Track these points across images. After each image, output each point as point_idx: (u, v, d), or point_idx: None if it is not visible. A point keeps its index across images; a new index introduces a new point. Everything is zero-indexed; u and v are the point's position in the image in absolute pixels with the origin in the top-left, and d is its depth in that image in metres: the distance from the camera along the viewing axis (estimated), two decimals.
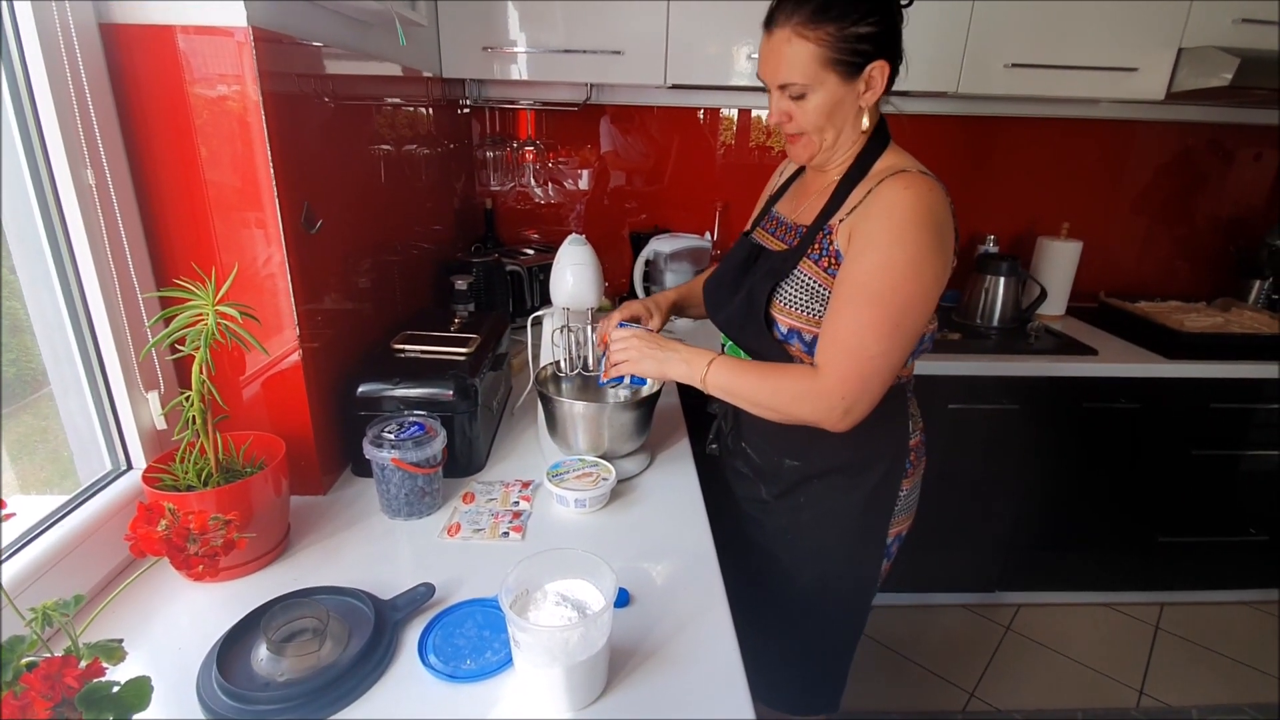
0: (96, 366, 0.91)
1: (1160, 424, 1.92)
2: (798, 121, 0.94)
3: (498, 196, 2.20)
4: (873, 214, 0.91)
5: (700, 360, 1.00)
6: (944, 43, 1.73)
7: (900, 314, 0.88)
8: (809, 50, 0.88)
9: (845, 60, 0.89)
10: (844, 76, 0.90)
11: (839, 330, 0.91)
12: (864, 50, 0.89)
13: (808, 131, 0.95)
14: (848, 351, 0.90)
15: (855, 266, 0.90)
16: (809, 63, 0.89)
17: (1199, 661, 2.04)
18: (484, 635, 0.79)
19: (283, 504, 0.94)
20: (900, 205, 0.89)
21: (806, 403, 0.92)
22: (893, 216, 0.89)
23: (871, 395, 0.91)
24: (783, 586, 1.15)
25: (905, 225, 0.88)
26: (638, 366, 1.04)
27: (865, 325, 0.89)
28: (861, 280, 0.89)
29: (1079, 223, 2.22)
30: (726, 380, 0.98)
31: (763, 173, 2.18)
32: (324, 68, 1.08)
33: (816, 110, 0.92)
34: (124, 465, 0.96)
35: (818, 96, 0.91)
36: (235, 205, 0.93)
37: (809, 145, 0.97)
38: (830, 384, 0.90)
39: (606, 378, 1.10)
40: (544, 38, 1.72)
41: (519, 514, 1.04)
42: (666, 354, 1.02)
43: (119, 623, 0.80)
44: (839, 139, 0.96)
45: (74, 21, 0.80)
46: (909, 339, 0.91)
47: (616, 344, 1.07)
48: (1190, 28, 1.77)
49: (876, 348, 0.89)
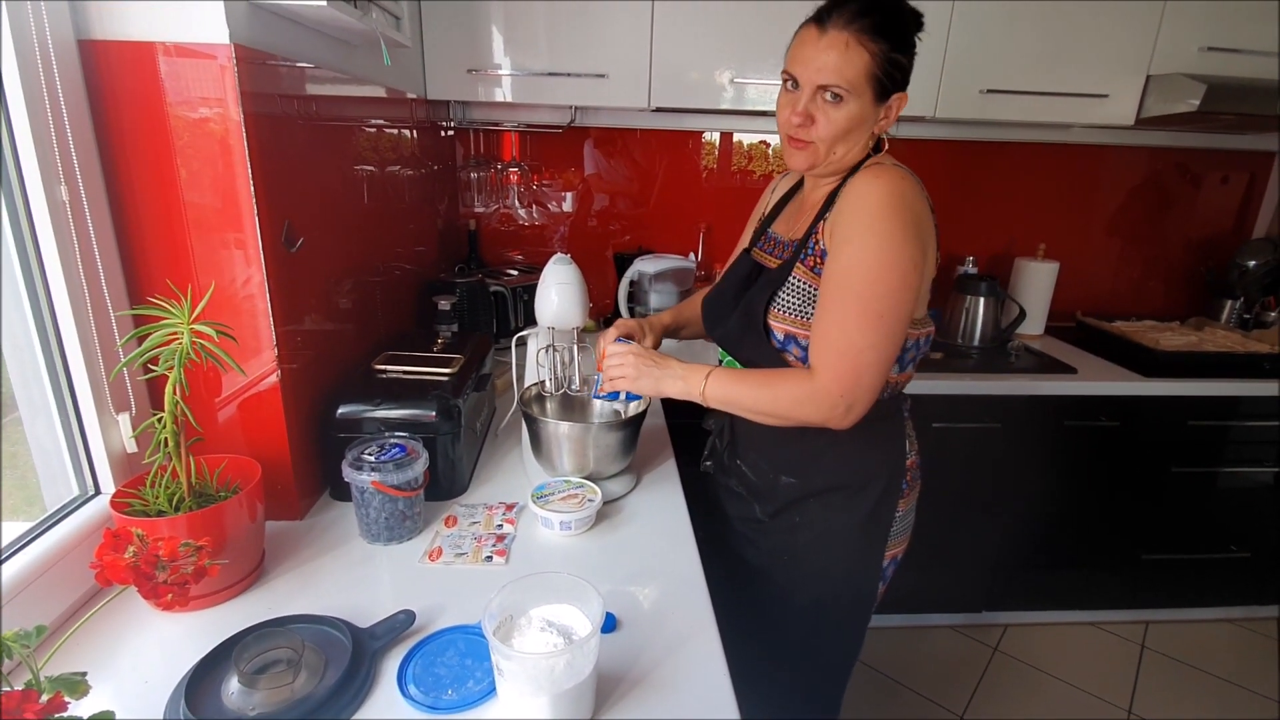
0: (65, 387, 0.88)
1: (1140, 442, 1.94)
2: (817, 127, 0.93)
3: (481, 218, 2.20)
4: (846, 208, 0.92)
5: (697, 375, 1.00)
6: (921, 68, 1.76)
7: (882, 305, 0.89)
8: (864, 59, 0.89)
9: (883, 81, 0.91)
10: (875, 96, 0.92)
11: (827, 330, 0.92)
12: (897, 78, 0.91)
13: (819, 140, 0.94)
14: (837, 350, 0.90)
15: (834, 263, 0.92)
16: (859, 71, 0.89)
17: (1186, 680, 2.04)
18: (466, 664, 0.76)
19: (257, 529, 0.91)
20: (871, 195, 0.90)
21: (808, 405, 0.92)
22: (864, 208, 0.90)
23: (869, 390, 0.91)
24: (778, 609, 1.13)
25: (876, 215, 0.89)
26: (635, 384, 1.04)
27: (850, 321, 0.89)
28: (840, 277, 0.90)
29: (1055, 244, 2.26)
30: (725, 391, 0.98)
31: (745, 194, 2.23)
32: (307, 88, 1.07)
33: (845, 119, 0.92)
34: (92, 490, 0.93)
35: (851, 106, 0.91)
36: (214, 223, 0.91)
37: (813, 154, 0.96)
38: (827, 384, 0.91)
39: (603, 392, 1.09)
40: (528, 61, 1.74)
41: (503, 537, 1.02)
42: (663, 371, 1.02)
43: (83, 655, 0.76)
44: (846, 156, 0.96)
45: (52, 37, 0.79)
46: (896, 329, 0.91)
47: (612, 360, 1.06)
48: (1158, 56, 1.83)
49: (864, 341, 0.89)
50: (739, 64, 1.76)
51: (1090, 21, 1.79)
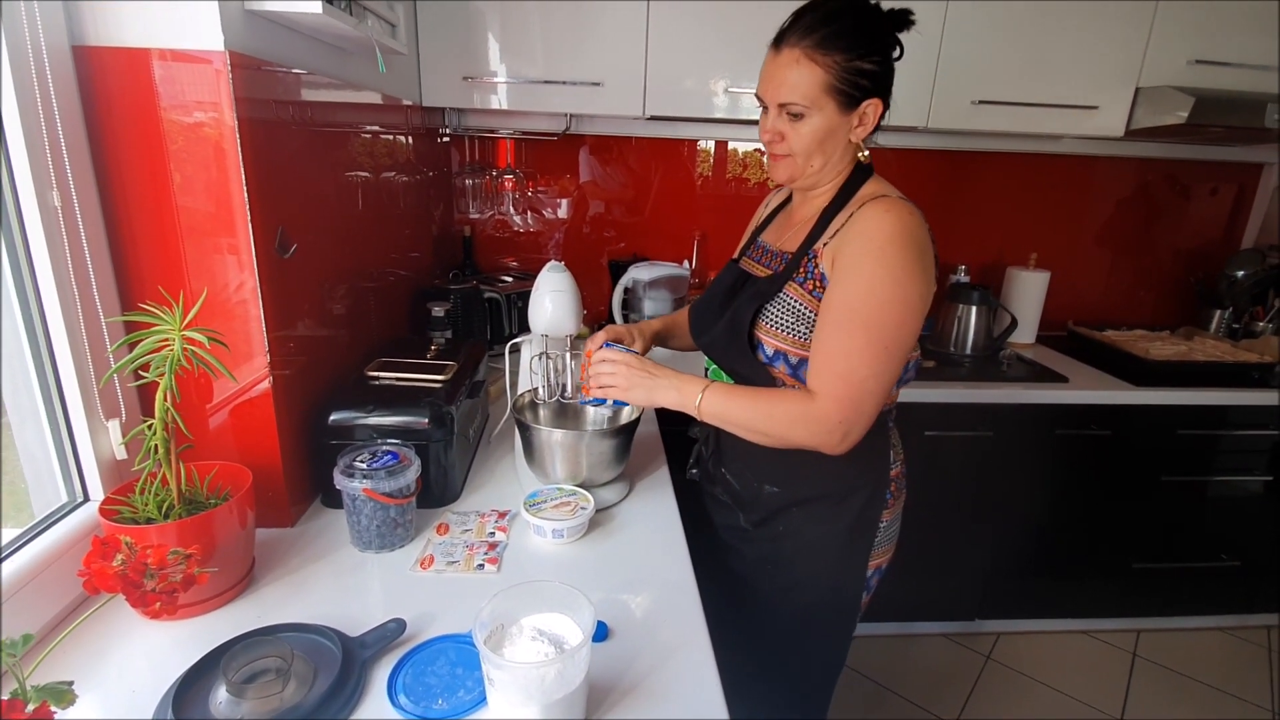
0: (55, 393, 0.87)
1: (1130, 450, 1.95)
2: (789, 142, 0.96)
3: (476, 224, 2.20)
4: (855, 238, 0.92)
5: (693, 387, 0.99)
6: (914, 79, 1.79)
7: (888, 336, 0.90)
8: (815, 74, 0.90)
9: (845, 91, 0.91)
10: (841, 106, 0.92)
11: (830, 355, 0.92)
12: (863, 85, 0.92)
13: (795, 154, 0.97)
14: (840, 376, 0.91)
15: (841, 291, 0.91)
16: (813, 86, 0.91)
17: (1177, 689, 2.05)
18: (457, 673, 0.76)
19: (248, 537, 0.91)
20: (882, 230, 0.90)
21: (803, 427, 0.93)
22: (875, 240, 0.90)
23: (866, 417, 0.92)
24: (763, 617, 1.13)
25: (887, 249, 0.89)
26: (628, 394, 1.02)
27: (855, 349, 0.90)
28: (849, 305, 0.90)
29: (1046, 253, 2.28)
30: (721, 406, 0.98)
31: (740, 202, 2.24)
32: (302, 93, 1.07)
33: (810, 134, 0.94)
34: (80, 497, 0.92)
35: (814, 121, 0.93)
36: (207, 229, 0.91)
37: (790, 166, 0.99)
38: (826, 408, 0.91)
39: (587, 395, 1.07)
40: (524, 69, 1.74)
41: (495, 545, 1.02)
42: (657, 380, 1.01)
43: (70, 664, 0.76)
44: (824, 167, 0.98)
45: (46, 42, 0.79)
46: (898, 360, 0.92)
47: (602, 367, 1.04)
48: (1147, 68, 1.85)
49: (867, 370, 0.90)
50: (733, 73, 1.78)
51: (1080, 35, 1.81)
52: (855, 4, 0.91)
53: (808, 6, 0.93)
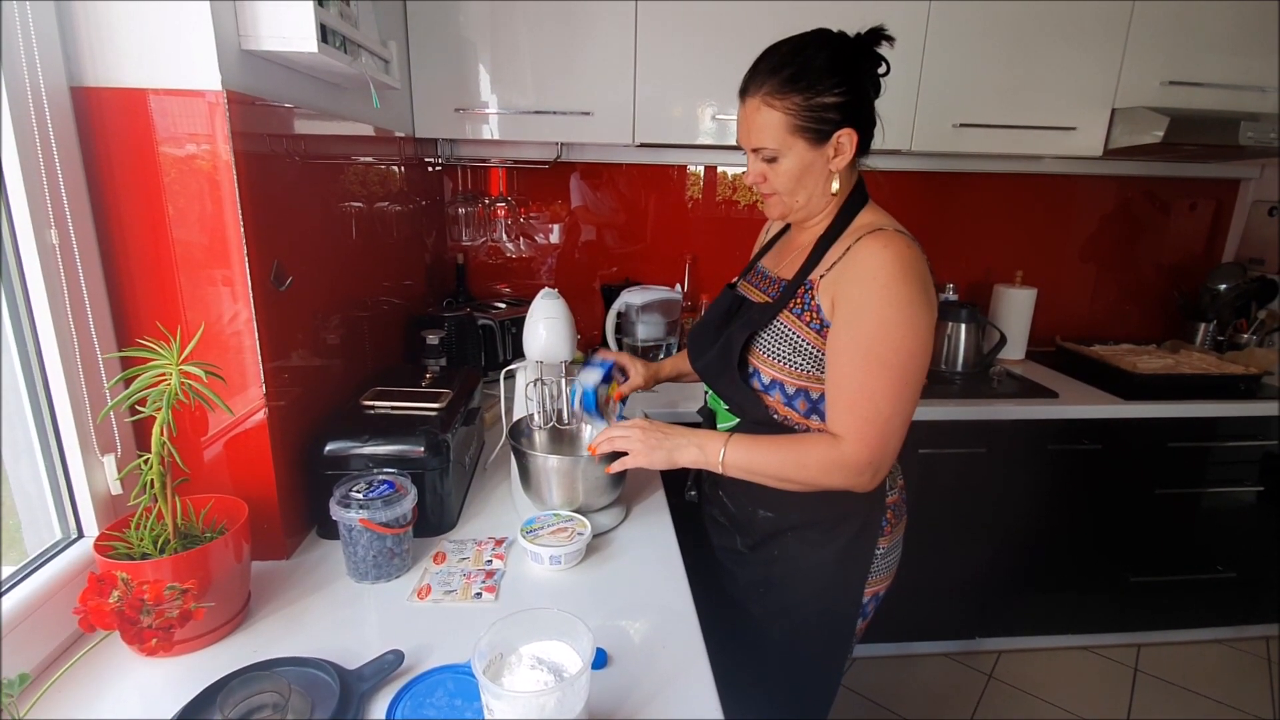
0: (50, 429, 0.87)
1: (1122, 464, 1.97)
2: (771, 182, 0.99)
3: (469, 251, 2.22)
4: (856, 274, 0.93)
5: (715, 442, 0.98)
6: (896, 103, 1.83)
7: (907, 371, 0.91)
8: (776, 118, 0.93)
9: (811, 128, 0.93)
10: (811, 142, 0.94)
11: (853, 398, 0.92)
12: (831, 119, 0.93)
13: (780, 193, 1.00)
14: (864, 418, 0.92)
15: (853, 332, 0.92)
16: (777, 129, 0.94)
17: (1179, 703, 2.04)
18: (456, 704, 0.76)
19: (244, 570, 0.90)
20: (885, 267, 0.91)
21: (838, 473, 0.94)
22: (879, 279, 0.91)
23: (893, 452, 0.94)
24: (755, 640, 1.13)
25: (892, 286, 0.90)
26: (648, 458, 1.01)
27: (879, 390, 0.91)
28: (863, 346, 0.91)
29: (1032, 271, 2.31)
30: (746, 458, 0.97)
31: (731, 225, 2.27)
32: (297, 128, 1.09)
33: (787, 173, 0.97)
34: (75, 533, 0.91)
35: (788, 160, 0.96)
36: (203, 263, 0.92)
37: (779, 204, 1.02)
38: (857, 452, 0.92)
39: (599, 459, 1.07)
40: (515, 99, 1.78)
41: (492, 573, 1.02)
42: (675, 441, 1.01)
43: (66, 703, 0.75)
44: (810, 200, 1.00)
45: (45, 83, 0.81)
46: (916, 392, 0.93)
47: (615, 431, 1.04)
48: (1122, 89, 1.90)
49: (891, 409, 0.91)
50: (720, 100, 1.81)
51: (1056, 58, 1.86)
52: (812, 40, 0.93)
53: (766, 52, 0.96)
